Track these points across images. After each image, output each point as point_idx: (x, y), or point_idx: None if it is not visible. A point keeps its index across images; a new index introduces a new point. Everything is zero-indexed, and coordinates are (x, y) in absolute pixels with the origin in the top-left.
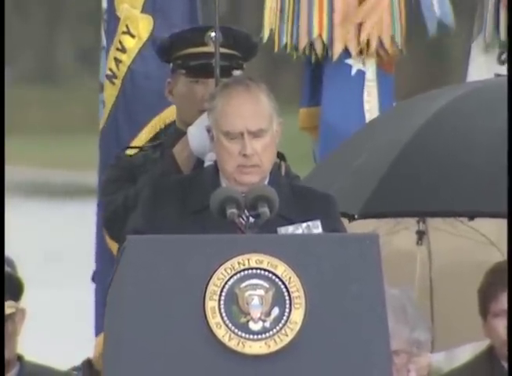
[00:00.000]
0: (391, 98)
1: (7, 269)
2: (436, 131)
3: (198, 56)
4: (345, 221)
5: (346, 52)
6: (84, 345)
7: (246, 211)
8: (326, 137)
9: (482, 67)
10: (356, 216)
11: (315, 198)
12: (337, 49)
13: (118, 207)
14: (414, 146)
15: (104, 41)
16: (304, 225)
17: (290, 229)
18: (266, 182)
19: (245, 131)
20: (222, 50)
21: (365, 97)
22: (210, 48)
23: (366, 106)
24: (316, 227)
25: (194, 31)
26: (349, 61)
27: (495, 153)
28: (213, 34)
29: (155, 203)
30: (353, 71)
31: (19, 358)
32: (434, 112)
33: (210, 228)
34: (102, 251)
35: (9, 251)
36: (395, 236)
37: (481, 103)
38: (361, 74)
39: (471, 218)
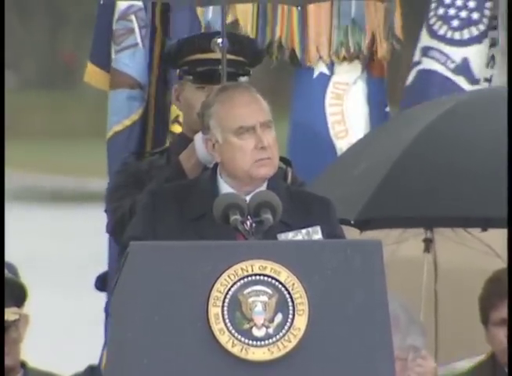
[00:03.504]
0: (382, 102)
1: (9, 275)
2: (436, 137)
3: (205, 62)
4: (356, 230)
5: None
6: (87, 351)
7: (249, 218)
8: (294, 137)
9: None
10: (352, 222)
11: (313, 202)
12: (312, 53)
13: (125, 214)
14: (412, 152)
15: (138, 39)
16: (304, 231)
17: (290, 236)
18: (265, 187)
19: (257, 124)
20: (228, 56)
21: (329, 100)
22: (216, 55)
23: (331, 109)
24: (316, 233)
25: (201, 37)
26: (311, 64)
27: (495, 159)
28: (219, 40)
29: (153, 211)
30: (315, 74)
31: (23, 364)
32: (434, 118)
33: (207, 236)
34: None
35: (9, 256)
36: (403, 244)
37: (483, 109)
38: (324, 77)
39: (484, 229)
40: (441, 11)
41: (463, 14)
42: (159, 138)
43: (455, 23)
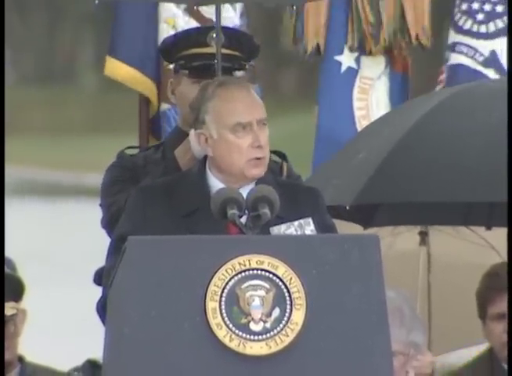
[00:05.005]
0: (404, 97)
1: (7, 270)
2: (430, 128)
3: (201, 56)
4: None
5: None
6: (85, 345)
7: (246, 212)
8: (322, 130)
9: None
10: (348, 207)
11: (301, 193)
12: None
13: (120, 209)
14: (408, 141)
15: None
16: (297, 223)
17: (282, 228)
18: (254, 181)
19: (254, 122)
20: (224, 51)
21: (356, 95)
22: (213, 49)
23: (358, 104)
24: (308, 224)
25: (197, 32)
26: (339, 58)
27: (488, 149)
28: (215, 34)
29: (143, 208)
30: (343, 68)
31: (20, 359)
32: (429, 110)
33: (199, 232)
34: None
35: (7, 251)
36: (399, 237)
37: (475, 101)
38: (351, 71)
39: (488, 228)
40: (464, 6)
41: (487, 7)
42: None
43: (479, 16)
